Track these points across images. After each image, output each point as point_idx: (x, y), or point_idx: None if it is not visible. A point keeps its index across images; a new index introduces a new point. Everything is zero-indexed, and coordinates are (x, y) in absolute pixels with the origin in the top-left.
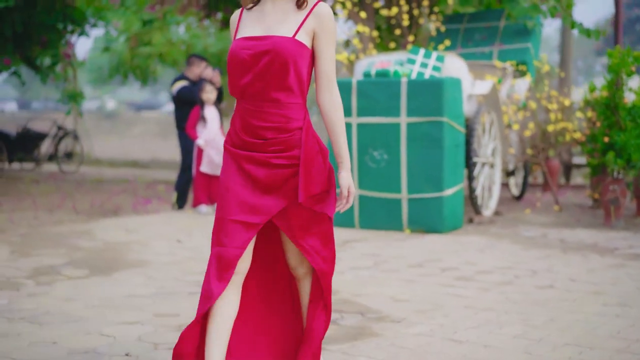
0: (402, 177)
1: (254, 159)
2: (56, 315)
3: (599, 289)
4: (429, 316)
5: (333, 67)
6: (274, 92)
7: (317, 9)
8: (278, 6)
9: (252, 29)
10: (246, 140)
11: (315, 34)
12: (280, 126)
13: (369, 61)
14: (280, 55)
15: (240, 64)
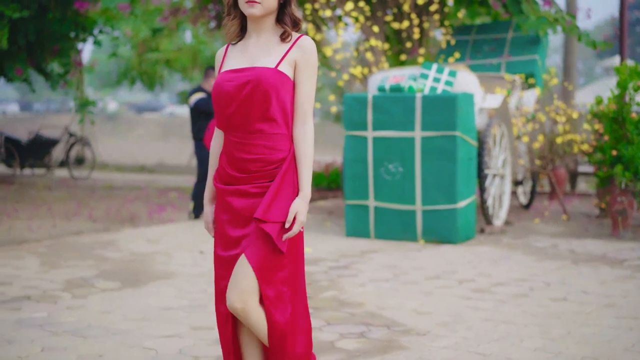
0: (417, 189)
1: (238, 191)
2: (97, 329)
3: (611, 302)
4: (451, 329)
5: (310, 100)
6: (258, 123)
7: (301, 41)
8: (262, 40)
9: (236, 62)
10: (232, 175)
11: (297, 65)
12: (264, 157)
13: (382, 75)
14: (262, 84)
15: (224, 96)
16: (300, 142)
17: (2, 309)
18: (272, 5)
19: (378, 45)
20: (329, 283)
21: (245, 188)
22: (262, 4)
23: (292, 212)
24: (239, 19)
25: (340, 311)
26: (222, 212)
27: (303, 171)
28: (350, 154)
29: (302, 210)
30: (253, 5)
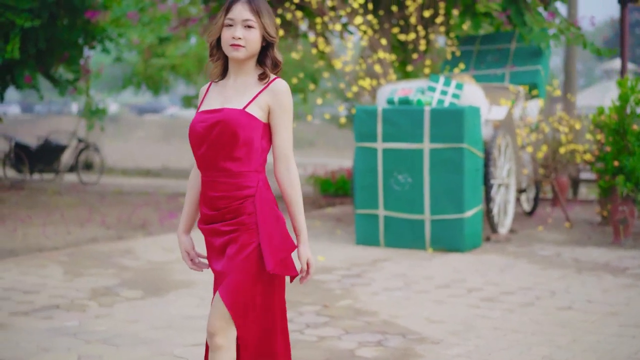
0: (425, 199)
1: (213, 230)
2: (127, 337)
3: (615, 310)
4: (463, 337)
5: (289, 142)
6: (224, 162)
7: (273, 85)
8: (239, 80)
9: (212, 102)
10: (207, 214)
11: (270, 109)
12: (231, 194)
13: (391, 88)
14: (229, 125)
15: (196, 137)
16: (288, 189)
17: (34, 317)
18: (256, 48)
19: (386, 57)
20: (344, 292)
21: (217, 226)
22: (246, 47)
23: (303, 261)
24: (222, 60)
25: (357, 320)
26: (208, 252)
27: (296, 215)
28: (360, 165)
29: (311, 255)
30: (237, 49)
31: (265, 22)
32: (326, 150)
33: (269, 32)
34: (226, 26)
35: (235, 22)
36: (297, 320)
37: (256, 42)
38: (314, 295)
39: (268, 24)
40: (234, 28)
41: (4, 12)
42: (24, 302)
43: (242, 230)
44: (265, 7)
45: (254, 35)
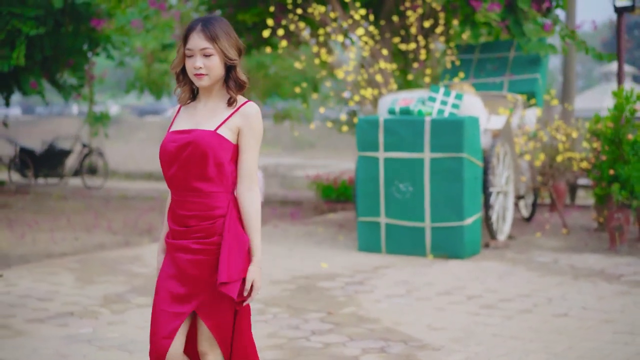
0: (426, 207)
1: (182, 247)
2: (140, 344)
3: (609, 317)
4: (464, 344)
5: (254, 165)
6: (195, 182)
7: (244, 108)
8: (209, 104)
9: (183, 123)
10: (175, 230)
11: (240, 131)
12: (202, 214)
13: (392, 98)
14: (200, 146)
15: (167, 156)
16: (247, 208)
17: (50, 324)
18: (219, 74)
19: (387, 67)
20: (347, 299)
21: (187, 243)
22: (209, 75)
23: (249, 280)
24: (188, 84)
25: (360, 327)
26: (169, 267)
27: (253, 237)
28: (362, 174)
29: (258, 277)
30: (201, 78)
31: (223, 46)
32: (326, 152)
33: (229, 55)
34: (187, 56)
35: (194, 52)
36: (303, 327)
37: (217, 68)
38: (318, 302)
39: (226, 48)
40: (194, 58)
41: (10, 19)
42: (39, 309)
43: (212, 250)
44: (222, 30)
45: (213, 62)
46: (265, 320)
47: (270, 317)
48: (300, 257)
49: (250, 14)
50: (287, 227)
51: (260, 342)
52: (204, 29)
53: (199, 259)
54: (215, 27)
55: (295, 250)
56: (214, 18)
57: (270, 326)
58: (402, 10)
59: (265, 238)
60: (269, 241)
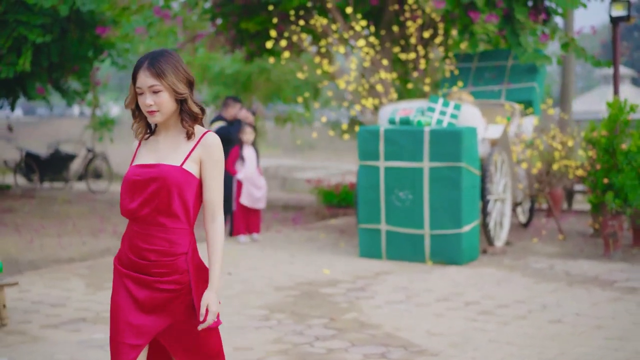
0: (425, 214)
1: (139, 279)
2: None
3: (601, 323)
4: (461, 350)
5: (219, 196)
6: (160, 217)
7: (205, 139)
8: (170, 136)
9: (146, 157)
10: (133, 260)
11: (202, 162)
12: (164, 250)
13: (392, 108)
14: (167, 182)
15: (131, 190)
16: (211, 238)
17: (63, 330)
18: (171, 109)
19: (387, 77)
20: (349, 305)
21: (149, 281)
22: (160, 111)
23: (202, 305)
24: (144, 119)
25: (362, 333)
26: (123, 296)
27: (214, 265)
28: (363, 182)
29: (213, 302)
30: (153, 115)
31: (170, 82)
32: (326, 153)
33: (177, 90)
34: (138, 94)
35: (143, 89)
36: (307, 332)
37: (168, 103)
38: (321, 308)
39: (174, 83)
40: (144, 95)
41: (17, 27)
42: (52, 315)
43: (183, 291)
44: (169, 65)
45: (163, 98)
46: (270, 327)
47: (275, 323)
48: (303, 263)
49: (253, 23)
50: (290, 232)
51: (265, 348)
52: (149, 67)
53: (163, 296)
54: (161, 64)
55: (297, 257)
56: (161, 53)
57: (275, 332)
58: (402, 20)
59: (269, 243)
60: (272, 246)
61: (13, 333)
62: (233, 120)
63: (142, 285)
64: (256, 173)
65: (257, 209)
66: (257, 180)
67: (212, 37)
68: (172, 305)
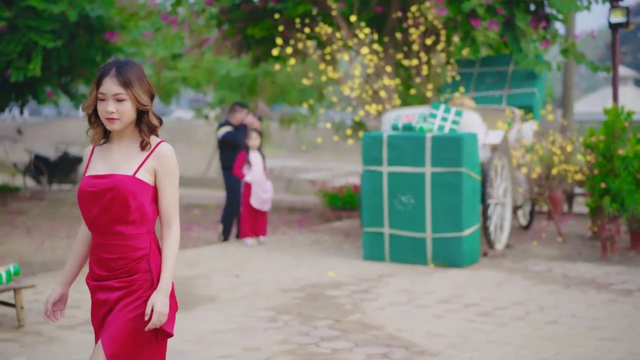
0: (427, 218)
1: (105, 287)
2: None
3: (596, 325)
4: (460, 350)
5: (173, 204)
6: (118, 226)
7: (158, 149)
8: (123, 146)
9: (99, 167)
10: (97, 273)
11: (156, 173)
12: (125, 256)
13: (396, 114)
14: (121, 192)
15: (87, 201)
16: (165, 245)
17: (78, 331)
18: (131, 118)
19: (391, 84)
20: (353, 307)
21: (110, 283)
22: (120, 120)
23: (148, 305)
24: (101, 126)
25: (365, 333)
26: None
27: (165, 269)
28: (367, 187)
29: (158, 302)
30: (113, 122)
31: (136, 92)
32: (330, 154)
33: (141, 101)
34: (100, 100)
35: (106, 96)
36: (312, 333)
37: (129, 113)
38: (326, 310)
39: (139, 94)
40: (106, 102)
41: (27, 32)
42: (68, 316)
43: (135, 287)
44: (135, 75)
45: (126, 107)
46: (277, 328)
47: (281, 324)
48: (308, 265)
49: (259, 29)
50: (295, 235)
51: (273, 348)
52: (117, 75)
53: (122, 294)
54: (128, 73)
55: (303, 259)
56: (127, 63)
57: (282, 333)
58: (405, 27)
59: (274, 246)
60: (278, 249)
61: (30, 334)
62: (239, 126)
63: (108, 291)
64: (263, 177)
65: (264, 211)
66: (263, 184)
67: (218, 42)
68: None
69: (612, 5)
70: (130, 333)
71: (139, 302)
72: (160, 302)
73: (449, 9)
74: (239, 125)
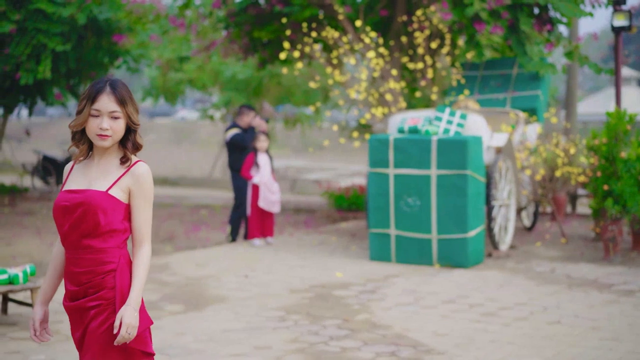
0: (432, 220)
1: (78, 307)
2: (177, 349)
3: (597, 325)
4: (465, 349)
5: (146, 224)
6: (87, 240)
7: (134, 169)
8: (103, 161)
9: (76, 182)
10: (70, 290)
11: (131, 192)
12: (93, 270)
13: (401, 117)
14: (91, 207)
15: (60, 215)
16: (135, 262)
17: None
18: (120, 136)
19: (396, 87)
20: (361, 307)
21: (82, 303)
22: (112, 137)
23: (117, 318)
24: (87, 143)
25: (373, 333)
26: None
27: (134, 284)
28: (374, 189)
29: (127, 314)
30: (104, 139)
31: (129, 111)
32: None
33: (133, 120)
34: (92, 116)
35: (101, 113)
36: (322, 332)
37: (121, 131)
38: (335, 309)
39: (132, 112)
40: (100, 119)
41: (36, 35)
42: None
43: (104, 305)
44: (128, 94)
45: (119, 125)
46: (287, 327)
47: (291, 323)
48: (316, 266)
49: (266, 31)
50: (302, 236)
51: (284, 347)
52: (113, 93)
53: (93, 314)
54: (122, 92)
55: (310, 260)
56: (119, 82)
57: (292, 332)
58: (410, 31)
59: (282, 247)
60: (286, 250)
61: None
62: (247, 128)
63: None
64: (270, 179)
65: (272, 212)
66: (271, 185)
67: (225, 45)
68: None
69: (615, 8)
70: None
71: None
72: (128, 314)
73: (454, 13)
74: (247, 128)
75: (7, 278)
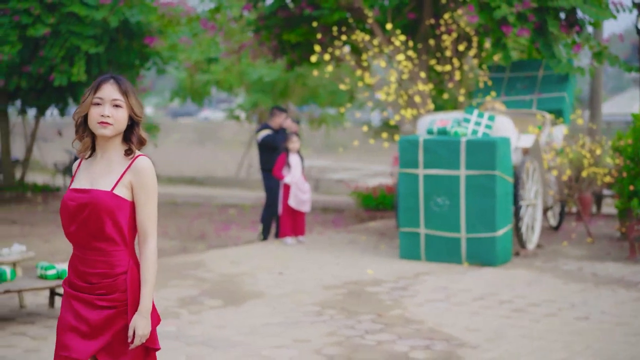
0: (461, 219)
1: (82, 299)
2: (220, 341)
3: (624, 321)
4: (496, 344)
5: (150, 218)
6: (96, 242)
7: (136, 163)
8: (105, 159)
9: (81, 181)
10: (76, 283)
11: (134, 187)
12: (104, 272)
13: (430, 119)
14: (98, 208)
15: (67, 215)
16: (142, 261)
17: None
18: (123, 126)
19: (425, 89)
20: (393, 303)
21: (90, 299)
22: (114, 125)
23: (130, 328)
24: (90, 136)
25: (407, 327)
26: (70, 315)
27: (144, 288)
28: (404, 189)
29: (140, 325)
30: (105, 127)
31: (132, 102)
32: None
33: (136, 111)
34: (94, 104)
35: (104, 101)
36: (357, 327)
37: (123, 121)
38: (368, 305)
39: (135, 104)
40: (102, 106)
41: (69, 37)
42: None
43: (119, 308)
44: (131, 88)
45: (121, 114)
46: (323, 321)
47: (327, 318)
48: (348, 264)
49: (295, 34)
50: (332, 234)
51: (322, 340)
52: (117, 82)
53: (104, 313)
54: (126, 84)
55: (342, 258)
56: (122, 77)
57: (328, 326)
58: (438, 34)
59: (313, 245)
60: (317, 248)
61: None
62: (279, 129)
63: (86, 305)
64: (301, 179)
65: (303, 211)
66: (302, 185)
67: (254, 47)
68: (113, 324)
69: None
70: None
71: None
72: (141, 325)
73: (481, 16)
74: (278, 129)
75: (56, 273)
